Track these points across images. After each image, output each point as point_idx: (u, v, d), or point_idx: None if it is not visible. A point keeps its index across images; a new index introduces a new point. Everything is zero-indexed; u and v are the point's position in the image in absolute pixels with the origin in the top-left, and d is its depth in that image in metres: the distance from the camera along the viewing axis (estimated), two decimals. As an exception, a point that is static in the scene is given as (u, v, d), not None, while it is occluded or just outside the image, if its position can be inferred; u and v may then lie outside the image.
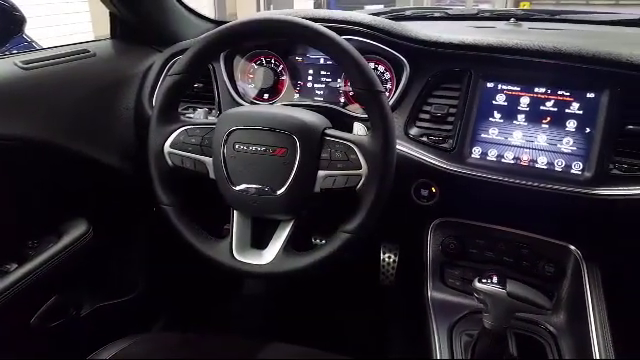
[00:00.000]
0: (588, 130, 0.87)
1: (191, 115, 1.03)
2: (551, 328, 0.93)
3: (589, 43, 0.88)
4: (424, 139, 0.98)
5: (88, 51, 1.11)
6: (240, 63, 1.13)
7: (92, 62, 1.10)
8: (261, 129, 0.81)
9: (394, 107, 1.00)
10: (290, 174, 0.80)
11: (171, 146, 0.86)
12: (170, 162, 0.87)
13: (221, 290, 1.61)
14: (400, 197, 1.01)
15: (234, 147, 0.82)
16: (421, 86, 0.98)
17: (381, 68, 1.05)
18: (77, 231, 1.04)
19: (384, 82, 1.04)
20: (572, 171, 0.88)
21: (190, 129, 0.87)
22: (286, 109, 0.87)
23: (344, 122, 0.98)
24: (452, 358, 0.87)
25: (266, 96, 1.12)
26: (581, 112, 0.88)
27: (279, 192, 0.81)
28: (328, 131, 0.83)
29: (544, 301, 0.79)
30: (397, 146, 0.91)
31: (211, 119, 0.91)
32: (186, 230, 0.86)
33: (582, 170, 0.88)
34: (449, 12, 1.31)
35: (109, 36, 1.26)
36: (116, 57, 1.19)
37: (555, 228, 0.97)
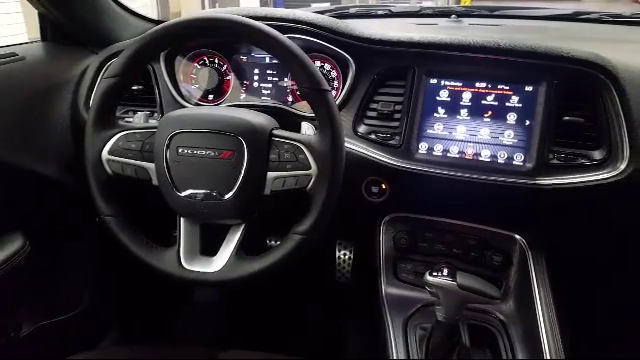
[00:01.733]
0: (528, 122, 0.90)
1: (131, 119, 0.98)
2: (501, 316, 0.96)
3: (526, 38, 0.91)
4: (372, 136, 0.98)
5: (16, 54, 1.03)
6: (182, 64, 1.09)
7: (21, 66, 1.03)
8: (206, 132, 0.79)
9: (342, 105, 1.00)
10: (238, 177, 0.78)
11: (110, 153, 0.82)
12: (109, 170, 0.83)
13: (172, 299, 1.57)
14: (351, 195, 1.01)
15: (177, 151, 0.79)
16: (367, 84, 0.98)
17: (327, 66, 1.04)
18: (12, 247, 0.97)
19: (330, 80, 1.04)
20: (514, 162, 0.91)
21: (129, 134, 0.83)
22: (232, 110, 0.85)
23: (293, 121, 0.96)
24: (407, 352, 0.88)
25: (211, 97, 1.09)
26: (520, 105, 0.90)
27: (227, 196, 0.78)
28: (276, 132, 0.82)
29: (493, 291, 0.81)
30: (346, 144, 0.91)
31: (152, 122, 0.87)
32: (130, 241, 0.82)
33: (523, 161, 0.91)
34: (393, 10, 1.32)
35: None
36: (48, 60, 1.12)
37: (500, 218, 1.00)
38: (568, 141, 0.89)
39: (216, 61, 1.09)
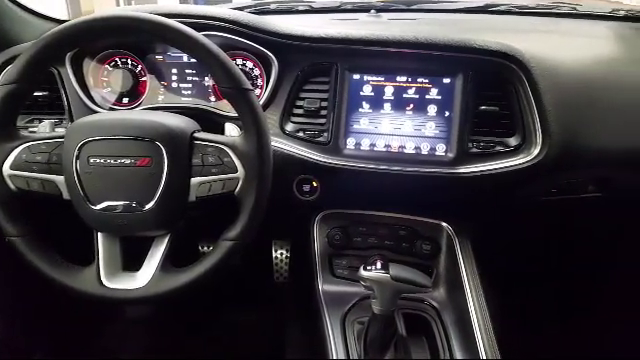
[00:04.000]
0: (447, 114, 0.93)
1: (36, 129, 0.90)
2: (434, 303, 0.98)
3: (442, 31, 0.94)
4: (300, 134, 0.97)
5: None
6: (91, 66, 1.01)
7: None
8: (119, 138, 0.74)
9: (267, 103, 0.97)
10: (159, 186, 0.74)
11: (12, 167, 0.75)
12: (12, 186, 0.75)
13: (101, 318, 1.47)
14: (283, 195, 0.99)
15: (89, 161, 0.73)
16: (292, 81, 0.97)
17: (249, 64, 1.01)
18: None
19: (254, 78, 1.01)
20: (437, 153, 0.94)
21: (33, 145, 0.76)
22: (148, 114, 0.81)
23: (216, 122, 0.93)
24: (346, 348, 0.88)
25: (126, 100, 1.02)
26: (440, 97, 0.93)
27: (148, 206, 0.74)
28: (197, 134, 0.78)
29: (425, 280, 0.83)
30: (273, 143, 0.89)
31: (59, 131, 0.80)
32: (42, 262, 0.76)
33: (445, 151, 0.93)
34: (313, 5, 1.31)
35: None
36: None
37: (428, 208, 1.03)
38: (485, 130, 0.93)
39: (129, 62, 1.02)
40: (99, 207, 0.74)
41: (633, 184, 1.04)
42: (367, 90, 0.95)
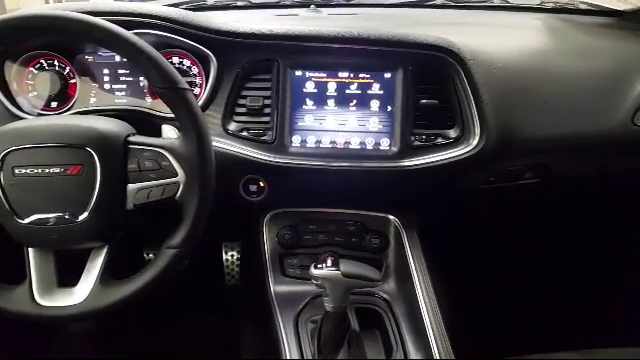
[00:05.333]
0: (390, 108, 0.94)
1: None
2: (385, 295, 1.00)
3: (381, 26, 0.94)
4: (244, 133, 0.95)
5: None
6: (14, 69, 0.94)
7: None
8: (47, 146, 0.69)
9: (208, 102, 0.94)
10: (92, 195, 0.70)
11: None
12: None
13: (45, 332, 1.39)
14: (229, 197, 0.97)
15: (13, 172, 0.68)
16: (232, 79, 0.94)
17: (187, 62, 0.98)
18: None
19: (192, 77, 0.97)
20: (381, 147, 0.94)
21: None
22: (77, 118, 0.76)
23: (154, 124, 0.89)
24: (300, 348, 0.88)
25: (55, 105, 0.96)
26: (382, 92, 0.93)
27: (82, 217, 0.70)
28: (132, 138, 0.75)
29: (375, 274, 0.84)
30: (215, 144, 0.86)
31: None
32: None
33: (389, 145, 0.94)
34: (252, 0, 1.29)
35: None
36: None
37: (376, 202, 1.04)
38: (427, 123, 0.94)
39: (56, 63, 0.96)
40: (27, 221, 0.69)
41: (568, 170, 1.10)
42: (310, 87, 0.94)
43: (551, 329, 1.13)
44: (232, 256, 1.36)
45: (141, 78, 0.97)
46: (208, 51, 0.93)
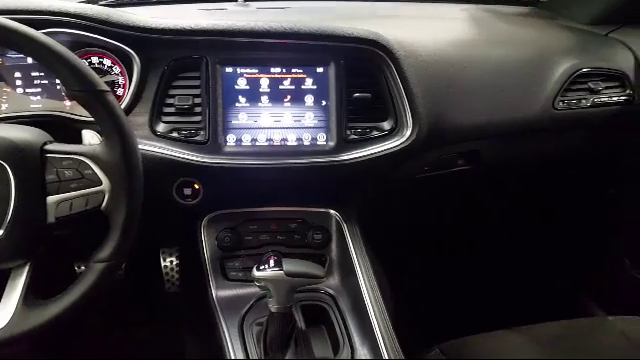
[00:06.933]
0: (324, 103, 0.93)
1: None
2: (330, 291, 0.99)
3: (311, 19, 0.93)
4: (174, 134, 0.91)
5: None
6: None
7: None
8: None
9: (132, 104, 0.89)
10: (7, 211, 0.64)
11: None
12: None
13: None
14: (162, 202, 0.93)
15: None
16: (158, 78, 0.89)
17: (107, 62, 0.91)
18: None
19: (114, 77, 0.92)
20: (318, 143, 0.94)
21: None
22: None
23: (74, 130, 0.83)
24: (246, 353, 0.86)
25: (-41, 114, 0.87)
26: (315, 87, 0.93)
27: None
28: (49, 146, 0.69)
29: (318, 270, 0.83)
30: (143, 147, 0.83)
31: None
32: None
33: (326, 140, 0.94)
34: (176, -6, 1.23)
35: None
36: None
37: (315, 197, 1.04)
38: (361, 116, 0.94)
39: (-45, 67, 0.87)
40: None
41: (498, 155, 1.15)
42: (242, 83, 0.92)
43: (494, 313, 1.18)
44: (171, 262, 1.31)
45: (58, 80, 0.90)
46: (130, 49, 0.88)
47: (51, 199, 0.67)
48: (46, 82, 0.90)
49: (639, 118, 1.19)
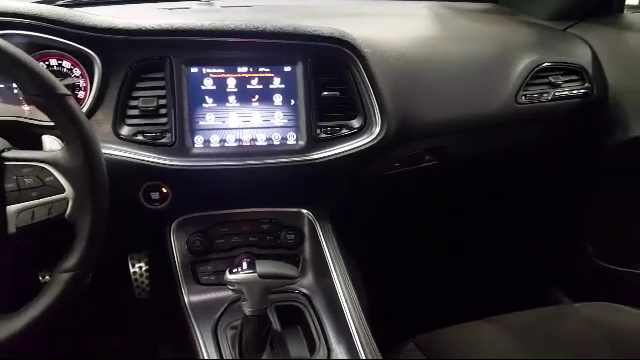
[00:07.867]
0: (293, 102, 0.93)
1: None
2: (305, 290, 0.99)
3: (277, 18, 0.92)
4: (139, 137, 0.88)
5: None
6: None
7: None
8: None
9: (94, 107, 0.86)
10: None
11: None
12: None
13: None
14: (128, 207, 0.90)
15: None
16: (120, 79, 0.87)
17: (67, 64, 0.88)
18: None
19: (75, 79, 0.88)
20: (288, 142, 0.93)
21: None
22: None
23: (34, 135, 0.80)
24: (220, 357, 0.84)
25: None
26: (283, 86, 0.92)
27: None
28: (7, 154, 0.66)
29: (292, 271, 0.83)
30: (107, 151, 0.80)
31: None
32: None
33: (296, 139, 0.93)
34: (138, -7, 1.20)
35: None
36: None
37: (287, 197, 1.03)
38: (331, 115, 0.94)
39: None
40: None
41: (463, 150, 1.17)
42: (208, 84, 0.90)
43: (467, 305, 1.21)
44: (140, 268, 1.27)
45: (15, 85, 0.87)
46: (90, 51, 0.85)
47: (11, 208, 0.64)
48: (2, 87, 0.86)
49: (597, 110, 1.24)
